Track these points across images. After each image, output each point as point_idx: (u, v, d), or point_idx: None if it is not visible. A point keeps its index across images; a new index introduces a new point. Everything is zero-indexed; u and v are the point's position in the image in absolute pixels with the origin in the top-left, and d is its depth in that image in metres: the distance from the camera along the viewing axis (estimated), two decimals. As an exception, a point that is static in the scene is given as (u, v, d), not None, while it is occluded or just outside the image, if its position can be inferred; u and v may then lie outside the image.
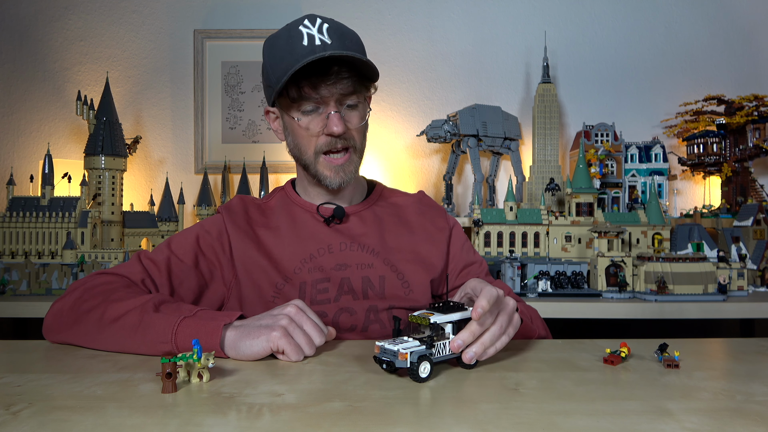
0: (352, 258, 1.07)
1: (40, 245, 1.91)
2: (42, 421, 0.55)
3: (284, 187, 1.20)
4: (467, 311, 0.73)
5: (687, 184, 2.45)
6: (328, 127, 1.01)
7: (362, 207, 1.15)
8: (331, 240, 1.08)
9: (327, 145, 1.03)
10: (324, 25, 0.99)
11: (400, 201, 1.20)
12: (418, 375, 0.66)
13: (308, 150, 1.05)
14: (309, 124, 1.02)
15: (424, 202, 1.22)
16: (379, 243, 1.09)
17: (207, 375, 0.68)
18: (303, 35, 0.97)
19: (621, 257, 1.73)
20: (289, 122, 1.05)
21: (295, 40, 0.97)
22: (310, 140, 1.04)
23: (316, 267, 1.05)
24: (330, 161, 1.05)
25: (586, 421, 0.55)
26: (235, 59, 2.45)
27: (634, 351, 0.82)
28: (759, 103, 2.19)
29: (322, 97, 0.99)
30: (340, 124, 1.00)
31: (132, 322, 0.82)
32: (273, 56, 1.01)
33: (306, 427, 0.54)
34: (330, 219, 1.10)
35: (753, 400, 0.62)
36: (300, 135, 1.04)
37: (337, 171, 1.05)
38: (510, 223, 1.95)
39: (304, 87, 0.98)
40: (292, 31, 0.99)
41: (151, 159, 2.45)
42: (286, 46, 0.98)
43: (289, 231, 1.09)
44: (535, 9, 2.47)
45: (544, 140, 2.26)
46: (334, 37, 0.98)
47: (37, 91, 2.43)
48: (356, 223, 1.12)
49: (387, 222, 1.14)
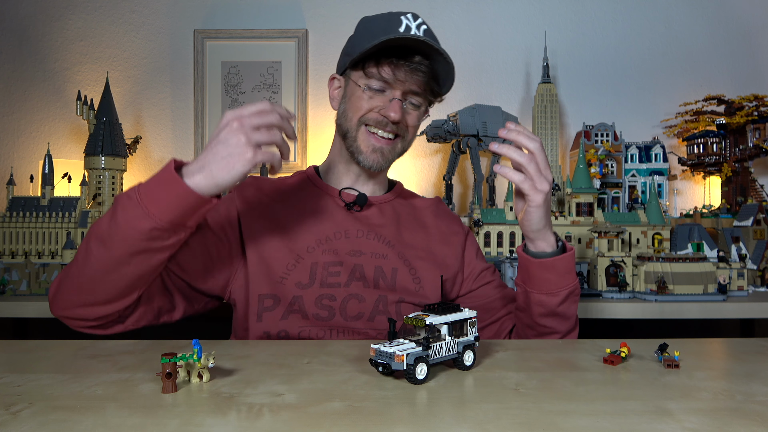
0: (367, 246, 1.07)
1: (40, 245, 1.91)
2: (42, 421, 0.55)
3: (307, 171, 1.19)
4: (463, 312, 0.73)
5: (687, 184, 2.45)
6: (386, 110, 1.03)
7: (383, 200, 1.16)
8: (348, 225, 1.08)
9: (375, 122, 1.05)
10: (423, 26, 1.04)
11: (418, 203, 1.21)
12: (414, 377, 0.66)
13: (354, 117, 1.06)
14: (372, 100, 1.04)
15: (441, 208, 1.23)
16: (395, 236, 1.10)
17: (207, 375, 0.68)
18: (402, 23, 1.02)
19: (621, 257, 1.73)
20: (351, 90, 1.07)
21: (393, 23, 1.01)
22: (362, 110, 1.05)
23: (331, 249, 1.04)
24: (372, 138, 1.06)
25: (586, 421, 0.55)
26: (235, 59, 2.45)
27: (634, 351, 0.82)
28: (759, 103, 2.19)
29: (396, 80, 1.02)
30: (399, 111, 1.02)
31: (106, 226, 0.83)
32: (366, 30, 1.05)
33: (306, 427, 0.54)
34: (351, 205, 1.10)
35: (753, 400, 0.62)
36: (355, 104, 1.05)
37: (375, 150, 1.06)
38: (510, 223, 1.95)
39: (383, 64, 1.01)
40: (393, 16, 1.03)
41: (151, 159, 2.45)
42: (383, 25, 1.02)
43: (307, 211, 1.09)
44: (535, 9, 2.47)
45: (544, 140, 2.26)
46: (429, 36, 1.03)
47: (37, 91, 2.43)
48: (375, 214, 1.12)
49: (404, 219, 1.15)
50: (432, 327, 0.70)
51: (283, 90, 2.44)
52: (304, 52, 2.43)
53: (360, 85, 1.04)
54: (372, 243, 1.08)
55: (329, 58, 2.46)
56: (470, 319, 0.74)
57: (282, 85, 2.44)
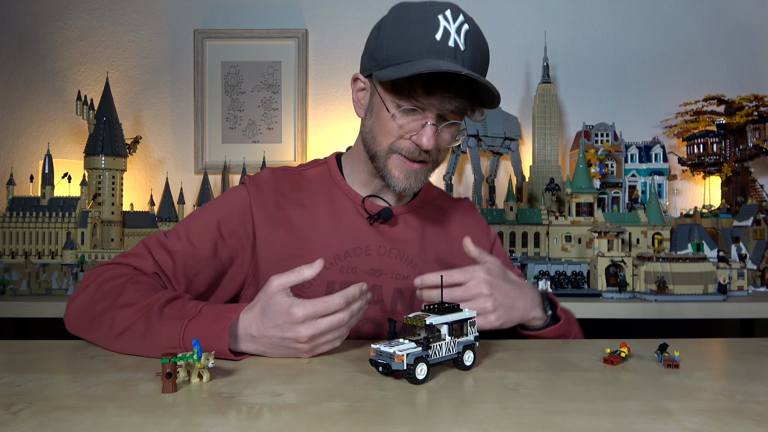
0: (388, 265, 1.01)
1: (40, 245, 1.91)
2: (42, 421, 0.55)
3: (328, 161, 1.09)
4: (463, 312, 0.73)
5: (687, 184, 2.45)
6: (418, 137, 0.91)
7: (408, 209, 1.07)
8: (369, 241, 1.01)
9: (407, 152, 0.94)
10: (464, 26, 0.88)
11: (445, 206, 1.14)
12: (414, 377, 0.66)
13: (384, 143, 0.95)
14: (402, 123, 0.92)
15: (469, 213, 1.16)
16: (418, 254, 1.03)
17: (207, 375, 0.68)
18: (440, 26, 0.87)
19: (621, 257, 1.73)
20: (379, 108, 0.94)
21: (429, 26, 0.87)
22: (392, 136, 0.93)
23: (349, 267, 0.99)
24: (404, 162, 0.95)
25: (586, 421, 0.55)
26: (235, 59, 2.45)
27: (634, 351, 0.82)
28: (759, 103, 2.19)
29: (430, 105, 0.90)
30: (432, 140, 0.90)
31: (139, 332, 0.80)
32: (396, 29, 0.89)
33: (306, 427, 0.54)
34: (375, 217, 1.02)
35: (753, 400, 0.62)
36: (384, 127, 0.93)
37: (408, 175, 0.96)
38: (510, 223, 1.95)
39: (416, 86, 0.88)
40: (429, 15, 0.88)
41: (151, 159, 2.45)
42: (417, 28, 0.87)
43: (327, 217, 1.01)
44: (535, 9, 2.47)
45: (544, 140, 2.26)
46: (469, 44, 0.89)
47: (37, 91, 2.43)
48: (400, 227, 1.04)
49: (429, 230, 1.08)
50: (432, 327, 0.70)
51: (283, 90, 2.44)
52: (304, 52, 2.43)
53: (389, 109, 0.92)
54: (394, 262, 1.01)
55: (329, 58, 2.46)
56: (470, 319, 0.74)
57: (282, 85, 2.44)
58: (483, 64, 0.94)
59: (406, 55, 0.87)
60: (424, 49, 0.86)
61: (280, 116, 2.45)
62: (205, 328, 0.77)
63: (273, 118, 2.45)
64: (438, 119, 0.92)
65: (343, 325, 0.78)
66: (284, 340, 0.77)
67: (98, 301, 0.86)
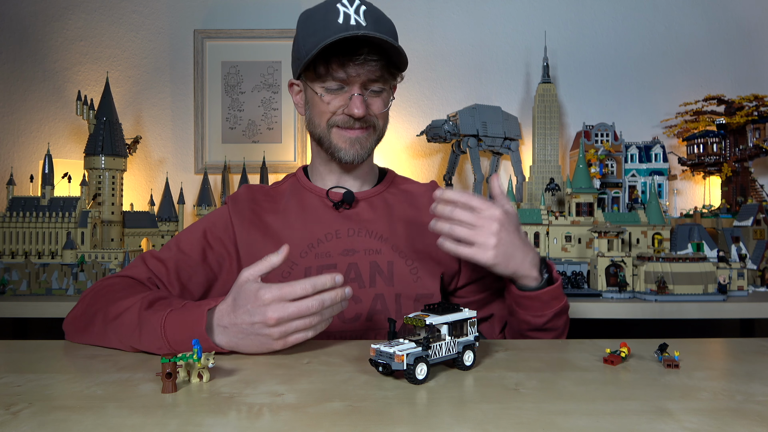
0: (359, 243, 1.06)
1: (40, 245, 1.91)
2: (42, 421, 0.55)
3: (296, 173, 1.20)
4: (463, 312, 0.73)
5: (687, 184, 2.45)
6: (349, 108, 1.01)
7: (372, 193, 1.14)
8: (338, 225, 1.08)
9: (343, 122, 1.04)
10: (362, 7, 0.99)
11: (413, 188, 1.19)
12: (414, 377, 0.66)
13: (322, 122, 1.05)
14: (331, 101, 1.02)
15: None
16: (387, 229, 1.09)
17: (207, 375, 0.68)
18: (339, 13, 0.97)
19: (621, 257, 1.73)
20: (311, 96, 1.05)
21: (330, 16, 0.98)
22: (326, 114, 1.04)
23: (323, 252, 1.04)
24: (344, 132, 1.05)
25: (586, 421, 0.55)
26: (235, 59, 2.45)
27: (634, 351, 0.82)
28: (759, 103, 2.19)
29: (349, 76, 0.99)
30: (361, 107, 1.00)
31: (131, 320, 0.83)
32: (306, 28, 1.01)
33: (306, 427, 0.54)
34: (339, 204, 1.09)
35: (753, 400, 0.62)
36: (318, 108, 1.04)
37: (352, 143, 1.05)
38: (510, 223, 1.95)
39: (332, 64, 0.98)
40: (329, 7, 0.99)
41: (151, 159, 2.45)
42: (322, 20, 0.98)
43: (297, 216, 1.09)
44: (535, 9, 2.47)
45: (544, 140, 2.26)
46: (369, 20, 0.98)
47: (37, 91, 2.43)
48: (365, 209, 1.11)
49: (397, 209, 1.13)
50: (432, 327, 0.70)
51: (283, 90, 2.44)
52: (304, 52, 2.43)
53: (317, 91, 1.03)
54: (364, 240, 1.07)
55: (329, 58, 2.45)
56: (470, 319, 0.74)
57: (282, 85, 2.44)
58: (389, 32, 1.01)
59: (317, 43, 0.96)
60: (331, 32, 0.96)
61: (280, 116, 2.45)
62: (185, 315, 0.80)
63: (273, 118, 2.45)
64: (362, 90, 1.01)
65: (313, 313, 0.78)
66: (253, 325, 0.77)
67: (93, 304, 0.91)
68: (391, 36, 1.00)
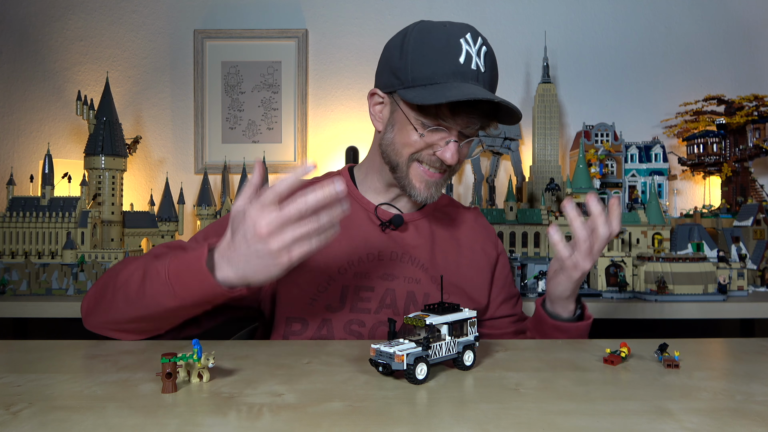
0: (400, 270, 1.03)
1: (40, 245, 1.91)
2: (42, 421, 0.55)
3: (341, 172, 1.13)
4: (463, 312, 0.73)
5: (687, 184, 2.45)
6: (442, 153, 0.96)
7: (419, 216, 1.10)
8: (382, 247, 1.04)
9: (429, 162, 0.98)
10: (483, 48, 0.95)
11: (455, 213, 1.17)
12: (414, 377, 0.66)
13: (405, 153, 0.98)
14: (427, 138, 0.96)
15: (479, 222, 1.19)
16: (429, 259, 1.06)
17: (207, 375, 0.68)
18: (462, 50, 0.92)
19: (621, 257, 1.73)
20: (400, 119, 0.98)
21: (452, 50, 0.92)
22: (414, 148, 0.97)
23: (363, 272, 1.01)
24: (425, 173, 0.99)
25: (586, 421, 0.55)
26: (235, 59, 2.45)
27: (634, 351, 0.82)
28: (759, 103, 2.19)
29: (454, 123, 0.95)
30: (455, 156, 0.96)
31: (138, 277, 0.83)
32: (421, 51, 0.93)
33: (306, 427, 0.54)
34: (386, 224, 1.05)
35: (753, 400, 0.62)
36: (408, 138, 0.97)
37: (428, 186, 1.00)
38: (510, 223, 1.95)
39: (444, 108, 0.93)
40: (452, 39, 0.93)
41: (151, 159, 2.45)
42: (442, 50, 0.92)
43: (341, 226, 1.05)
44: (535, 9, 2.47)
45: (544, 140, 2.26)
46: (488, 65, 0.95)
47: (37, 91, 2.43)
48: (411, 233, 1.07)
49: (439, 237, 1.10)
50: (432, 327, 0.70)
51: (283, 90, 2.45)
52: (304, 52, 2.43)
53: (412, 122, 0.95)
54: (406, 266, 1.03)
55: (329, 58, 2.46)
56: (470, 319, 0.74)
57: (282, 85, 2.44)
58: (497, 81, 1.00)
59: (431, 78, 0.91)
60: (450, 72, 0.91)
61: (280, 116, 2.45)
62: (187, 255, 0.79)
63: (273, 118, 2.45)
64: (460, 136, 0.97)
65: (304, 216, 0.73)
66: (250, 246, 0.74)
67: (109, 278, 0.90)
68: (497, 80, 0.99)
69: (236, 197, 0.80)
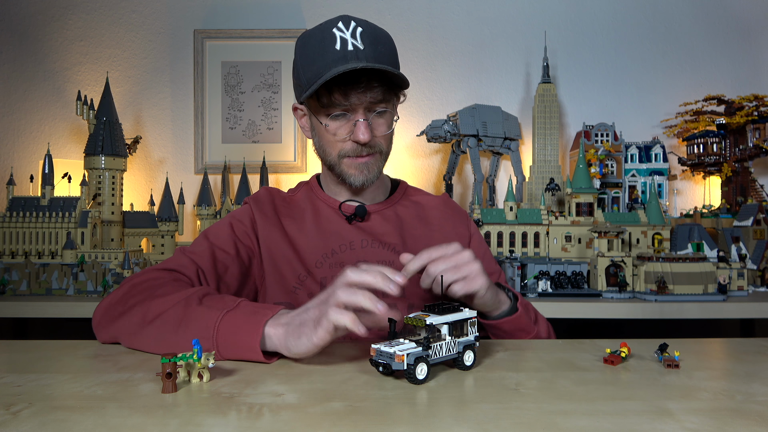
0: (373, 255, 1.08)
1: (40, 245, 1.91)
2: (42, 421, 0.55)
3: (309, 181, 1.22)
4: (463, 312, 0.73)
5: (687, 184, 2.45)
6: (355, 135, 1.02)
7: (384, 206, 1.16)
8: (353, 237, 1.10)
9: (353, 151, 1.05)
10: (358, 29, 0.98)
11: (424, 200, 1.21)
12: (415, 377, 0.66)
13: (332, 152, 1.06)
14: (336, 130, 1.03)
15: (449, 205, 1.22)
16: (399, 242, 1.11)
17: (207, 375, 0.68)
18: (336, 39, 0.97)
19: (621, 257, 1.73)
20: (316, 124, 1.06)
21: (327, 42, 0.97)
22: (335, 144, 1.05)
23: (338, 263, 1.06)
24: (353, 161, 1.06)
25: (586, 421, 0.55)
26: (235, 59, 2.45)
27: (634, 351, 0.82)
28: (759, 103, 2.19)
29: (352, 104, 1.00)
30: (366, 132, 1.01)
31: (176, 317, 0.81)
32: (305, 56, 1.01)
33: (306, 427, 0.54)
34: (352, 217, 1.11)
35: (753, 400, 0.62)
36: (326, 138, 1.05)
37: (361, 169, 1.06)
38: (510, 223, 1.95)
39: (334, 93, 0.99)
40: (326, 33, 0.98)
41: (151, 159, 2.45)
42: (319, 47, 0.98)
43: (312, 225, 1.11)
44: (535, 9, 2.47)
45: (544, 140, 2.26)
46: (366, 41, 0.98)
47: (37, 91, 2.43)
48: (378, 222, 1.13)
49: (408, 221, 1.15)
50: (432, 327, 0.70)
51: (283, 90, 2.44)
52: (304, 52, 2.43)
53: (322, 122, 1.03)
54: (378, 251, 1.09)
55: (329, 58, 2.45)
56: (470, 319, 0.74)
57: (282, 85, 2.44)
58: (387, 52, 1.01)
59: (318, 73, 0.97)
60: (330, 61, 0.96)
61: (280, 116, 2.45)
62: (240, 320, 0.77)
63: (273, 118, 2.45)
64: (366, 113, 1.02)
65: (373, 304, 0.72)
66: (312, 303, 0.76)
67: (133, 296, 0.88)
68: (389, 57, 1.00)
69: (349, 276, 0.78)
